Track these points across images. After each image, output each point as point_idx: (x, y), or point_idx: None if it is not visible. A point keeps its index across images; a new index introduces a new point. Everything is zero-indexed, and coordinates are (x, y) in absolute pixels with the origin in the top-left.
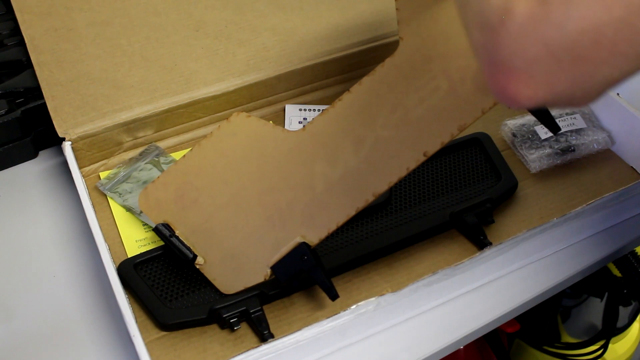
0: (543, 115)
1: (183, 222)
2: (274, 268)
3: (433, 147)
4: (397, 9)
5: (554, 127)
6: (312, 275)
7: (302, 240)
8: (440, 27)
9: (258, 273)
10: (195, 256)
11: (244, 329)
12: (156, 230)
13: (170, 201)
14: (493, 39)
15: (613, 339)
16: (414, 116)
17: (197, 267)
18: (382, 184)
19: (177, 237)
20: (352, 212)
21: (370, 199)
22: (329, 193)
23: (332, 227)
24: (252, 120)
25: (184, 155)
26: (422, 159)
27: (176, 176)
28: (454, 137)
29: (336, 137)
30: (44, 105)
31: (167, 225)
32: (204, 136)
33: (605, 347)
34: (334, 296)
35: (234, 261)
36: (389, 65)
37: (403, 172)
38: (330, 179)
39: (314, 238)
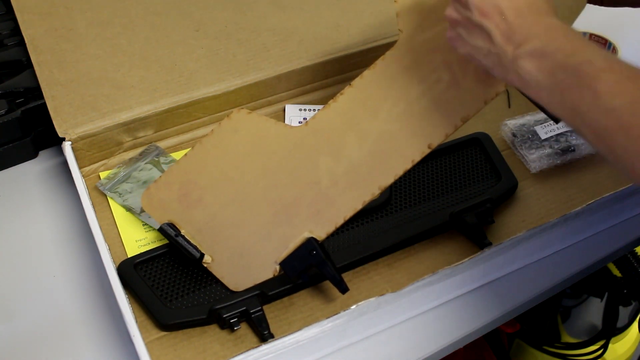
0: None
1: (188, 221)
2: (282, 264)
3: (437, 139)
4: (395, 0)
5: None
6: (321, 270)
7: (310, 236)
8: (441, 18)
9: (267, 269)
10: (202, 255)
11: (244, 329)
12: (161, 230)
13: (174, 200)
14: None
15: (613, 339)
16: (417, 108)
17: (205, 265)
18: (388, 177)
19: (183, 237)
20: (359, 206)
21: (377, 192)
22: (334, 187)
23: (339, 221)
24: (253, 116)
25: (186, 154)
26: (427, 150)
27: (179, 175)
28: (457, 128)
29: (339, 131)
30: (44, 105)
31: (172, 225)
32: (206, 134)
33: (605, 347)
34: (344, 289)
35: (242, 258)
36: (389, 58)
37: (408, 165)
38: (335, 173)
39: (321, 233)
